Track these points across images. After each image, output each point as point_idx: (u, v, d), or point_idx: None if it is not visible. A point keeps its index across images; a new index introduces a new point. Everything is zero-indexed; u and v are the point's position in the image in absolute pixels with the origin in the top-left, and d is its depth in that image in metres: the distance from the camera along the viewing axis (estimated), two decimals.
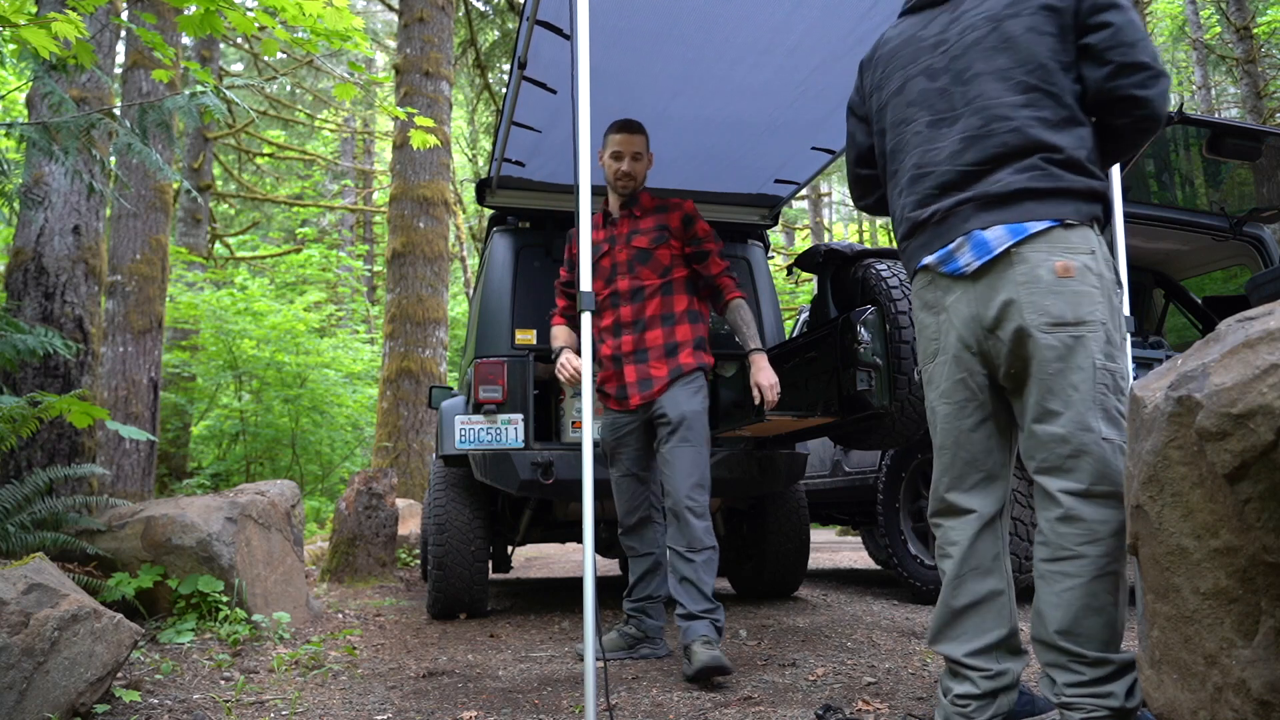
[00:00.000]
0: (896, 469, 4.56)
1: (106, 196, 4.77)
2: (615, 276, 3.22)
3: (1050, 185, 1.90)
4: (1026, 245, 1.90)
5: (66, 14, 3.20)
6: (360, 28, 3.75)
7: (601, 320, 3.23)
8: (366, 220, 21.76)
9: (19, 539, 3.46)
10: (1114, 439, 1.82)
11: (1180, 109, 3.79)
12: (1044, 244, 1.89)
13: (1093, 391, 1.83)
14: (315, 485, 11.85)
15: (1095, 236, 1.93)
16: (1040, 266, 1.88)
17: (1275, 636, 1.28)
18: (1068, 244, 1.88)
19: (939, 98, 2.05)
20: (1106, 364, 1.86)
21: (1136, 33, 1.89)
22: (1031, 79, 1.94)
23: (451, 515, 4.12)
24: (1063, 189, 1.90)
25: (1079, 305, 1.86)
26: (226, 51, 16.87)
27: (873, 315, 3.33)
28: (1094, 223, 1.94)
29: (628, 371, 3.18)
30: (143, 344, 6.59)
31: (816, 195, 23.06)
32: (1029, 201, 1.90)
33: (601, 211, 3.34)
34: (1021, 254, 1.90)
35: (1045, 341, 1.86)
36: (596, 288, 3.18)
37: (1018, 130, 1.93)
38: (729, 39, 3.20)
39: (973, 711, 1.96)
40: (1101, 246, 1.93)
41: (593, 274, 3.01)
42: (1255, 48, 14.10)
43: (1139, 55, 1.88)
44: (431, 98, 9.12)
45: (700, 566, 2.97)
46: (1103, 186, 1.95)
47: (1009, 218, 1.92)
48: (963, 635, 2.00)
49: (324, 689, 2.86)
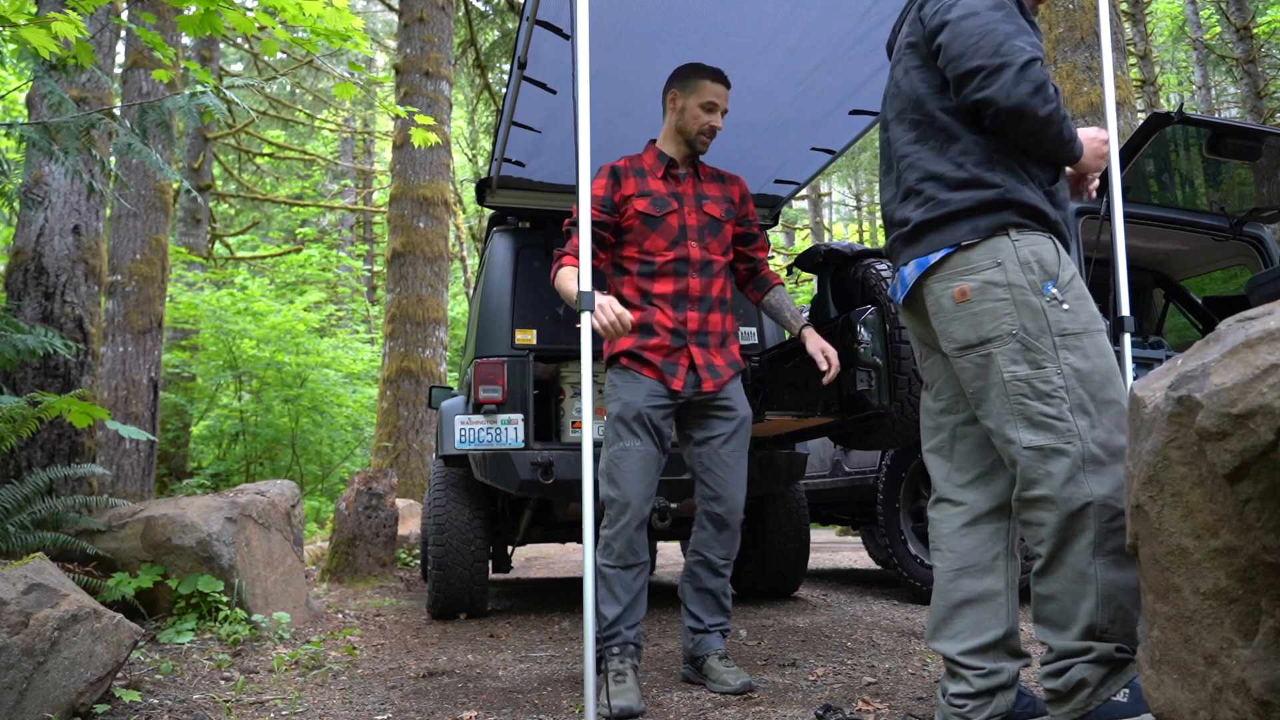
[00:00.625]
0: (896, 469, 4.56)
1: (106, 196, 4.77)
2: (685, 240, 2.84)
3: (941, 213, 1.99)
4: (931, 276, 2.02)
5: (66, 14, 3.20)
6: (360, 27, 3.75)
7: (659, 284, 2.81)
8: (366, 220, 21.77)
9: (19, 539, 3.46)
10: (1040, 443, 1.85)
11: (1180, 109, 3.79)
12: (944, 273, 1.99)
13: (1006, 404, 1.90)
14: (315, 485, 11.85)
15: (1007, 244, 1.93)
16: (943, 296, 1.99)
17: (1275, 636, 1.28)
18: (968, 265, 1.96)
19: (884, 146, 2.22)
20: (1017, 373, 1.88)
21: (964, 43, 1.93)
22: (916, 114, 2.08)
23: (451, 515, 4.12)
24: (952, 213, 1.98)
25: (980, 325, 1.93)
26: (226, 51, 16.87)
27: (873, 315, 3.33)
28: (1004, 230, 1.94)
29: (695, 353, 2.81)
30: (143, 344, 6.59)
31: (816, 195, 23.07)
32: (929, 233, 2.02)
33: (662, 160, 2.92)
34: (928, 285, 2.03)
35: (960, 365, 1.99)
36: (658, 246, 2.82)
37: (912, 166, 2.06)
38: (729, 39, 3.20)
39: (969, 711, 1.98)
40: (1016, 251, 1.92)
41: (652, 228, 2.81)
42: (1255, 48, 14.10)
43: (967, 63, 1.92)
44: (431, 98, 9.12)
45: (728, 580, 2.86)
46: (1002, 191, 1.95)
47: (917, 252, 2.05)
48: (959, 633, 2.03)
49: (324, 689, 2.86)
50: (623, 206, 2.84)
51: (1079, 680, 1.80)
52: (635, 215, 2.83)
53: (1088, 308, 1.93)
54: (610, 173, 2.87)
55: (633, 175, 2.88)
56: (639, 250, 2.84)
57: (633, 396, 2.75)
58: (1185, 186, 4.45)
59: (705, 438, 2.86)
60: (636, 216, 2.83)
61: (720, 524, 2.82)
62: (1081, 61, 6.86)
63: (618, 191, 2.84)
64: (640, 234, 2.84)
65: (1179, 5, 17.55)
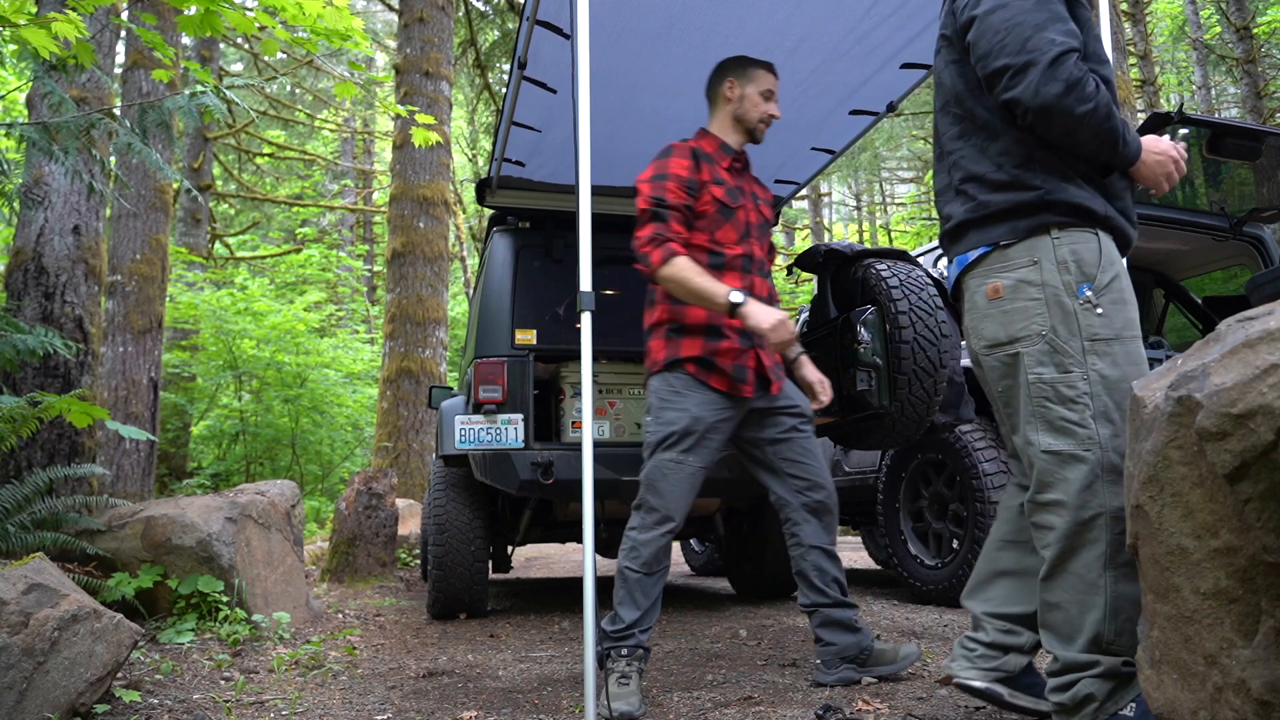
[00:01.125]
0: (896, 469, 4.56)
1: (106, 196, 4.77)
2: (750, 238, 2.77)
3: (981, 214, 1.96)
4: (968, 274, 2.01)
5: (66, 14, 3.20)
6: (360, 27, 3.75)
7: (728, 278, 2.65)
8: (366, 220, 21.77)
9: (19, 539, 3.46)
10: (1058, 448, 1.83)
11: (1180, 109, 3.79)
12: (981, 270, 1.97)
13: (1030, 405, 1.88)
14: (315, 485, 11.85)
15: (1046, 242, 1.88)
16: (976, 293, 1.98)
17: (1275, 636, 1.28)
18: (1004, 263, 1.93)
19: (935, 133, 2.17)
20: (1042, 376, 1.86)
21: (990, 40, 1.87)
22: (958, 109, 2.03)
23: (451, 515, 4.12)
24: (992, 214, 1.94)
25: (1010, 324, 1.91)
26: (226, 51, 16.87)
27: (873, 315, 3.33)
28: (1043, 231, 1.88)
29: (762, 355, 2.72)
30: (143, 344, 6.59)
31: (816, 195, 23.06)
32: (971, 231, 1.99)
33: (727, 151, 2.81)
34: (966, 283, 2.02)
35: (988, 363, 1.98)
36: (729, 239, 2.71)
37: (957, 164, 2.02)
38: (729, 39, 3.20)
39: (977, 657, 2.01)
40: (1055, 250, 1.87)
41: (726, 218, 2.69)
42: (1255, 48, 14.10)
43: (994, 62, 1.86)
44: (431, 98, 9.12)
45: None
46: (1042, 193, 1.88)
47: (958, 250, 2.03)
48: (992, 599, 2.07)
49: (324, 689, 2.86)
50: (700, 191, 2.69)
51: (1085, 695, 1.78)
52: (712, 202, 2.70)
53: (1124, 313, 1.86)
54: (691, 153, 2.72)
55: (705, 160, 2.74)
56: (710, 239, 2.69)
57: (701, 411, 2.62)
58: (1185, 186, 4.45)
59: (780, 435, 2.77)
60: (713, 204, 2.70)
61: (824, 511, 2.74)
62: None
63: (698, 174, 2.69)
64: (714, 222, 2.70)
65: (1179, 5, 17.55)
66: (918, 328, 3.28)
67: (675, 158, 2.69)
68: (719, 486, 3.97)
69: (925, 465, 4.41)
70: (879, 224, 26.71)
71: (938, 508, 4.34)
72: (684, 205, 2.63)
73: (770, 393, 2.77)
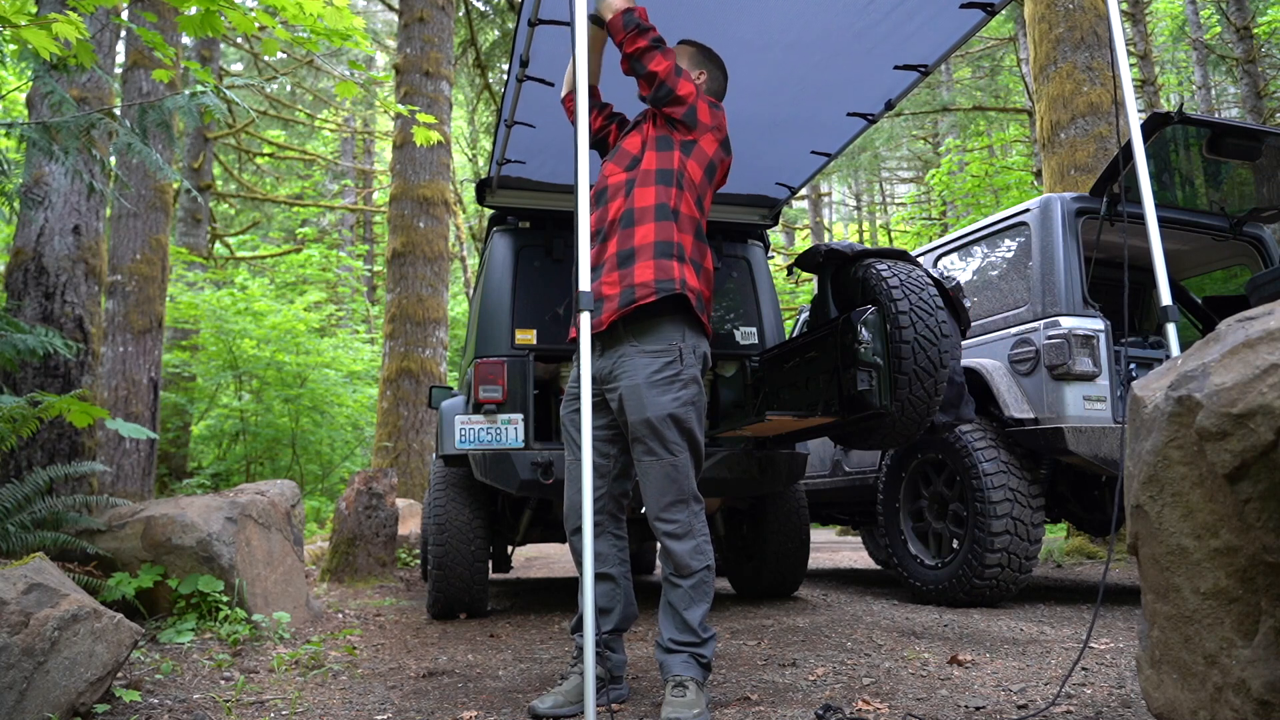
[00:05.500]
0: (896, 469, 4.56)
1: (106, 196, 4.77)
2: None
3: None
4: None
5: (67, 14, 3.20)
6: (360, 27, 3.75)
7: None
8: (366, 220, 21.77)
9: (19, 539, 3.46)
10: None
11: (1180, 109, 3.79)
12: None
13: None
14: (315, 485, 11.85)
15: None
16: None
17: (1275, 636, 1.28)
18: None
19: None
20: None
21: None
22: None
23: (451, 515, 4.12)
24: None
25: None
26: (226, 51, 16.86)
27: (873, 315, 3.33)
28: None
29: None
30: (143, 344, 6.59)
31: (816, 195, 23.07)
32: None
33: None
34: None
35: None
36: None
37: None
38: (728, 38, 3.20)
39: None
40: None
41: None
42: (1255, 48, 14.10)
43: None
44: (431, 97, 9.13)
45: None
46: None
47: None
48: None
49: (324, 689, 2.86)
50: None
51: None
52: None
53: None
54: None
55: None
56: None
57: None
58: (1185, 186, 4.45)
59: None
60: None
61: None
62: (1081, 61, 6.85)
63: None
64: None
65: (1179, 5, 17.54)
66: (918, 328, 3.28)
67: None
68: (719, 486, 3.97)
69: (925, 465, 4.41)
70: (879, 224, 26.71)
71: (938, 508, 4.34)
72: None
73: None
